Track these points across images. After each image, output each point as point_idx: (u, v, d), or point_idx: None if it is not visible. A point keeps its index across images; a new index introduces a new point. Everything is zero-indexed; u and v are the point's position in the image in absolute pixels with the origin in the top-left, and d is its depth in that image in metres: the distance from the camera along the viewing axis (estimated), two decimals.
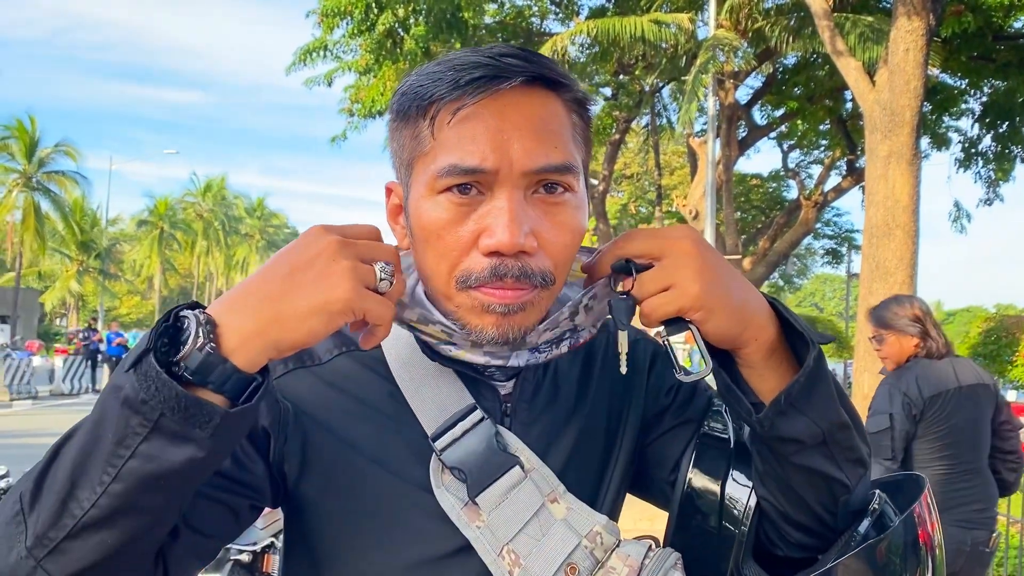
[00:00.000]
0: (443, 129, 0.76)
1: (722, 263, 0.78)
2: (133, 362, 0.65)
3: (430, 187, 0.78)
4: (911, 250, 8.85)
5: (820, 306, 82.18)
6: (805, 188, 20.33)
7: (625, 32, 13.79)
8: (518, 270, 0.76)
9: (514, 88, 0.76)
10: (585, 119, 0.84)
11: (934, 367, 3.21)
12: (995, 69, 15.33)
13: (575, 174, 0.79)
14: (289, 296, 0.68)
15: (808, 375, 0.77)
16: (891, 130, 8.80)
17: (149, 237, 58.96)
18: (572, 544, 0.79)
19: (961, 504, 3.16)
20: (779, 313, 0.80)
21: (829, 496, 0.82)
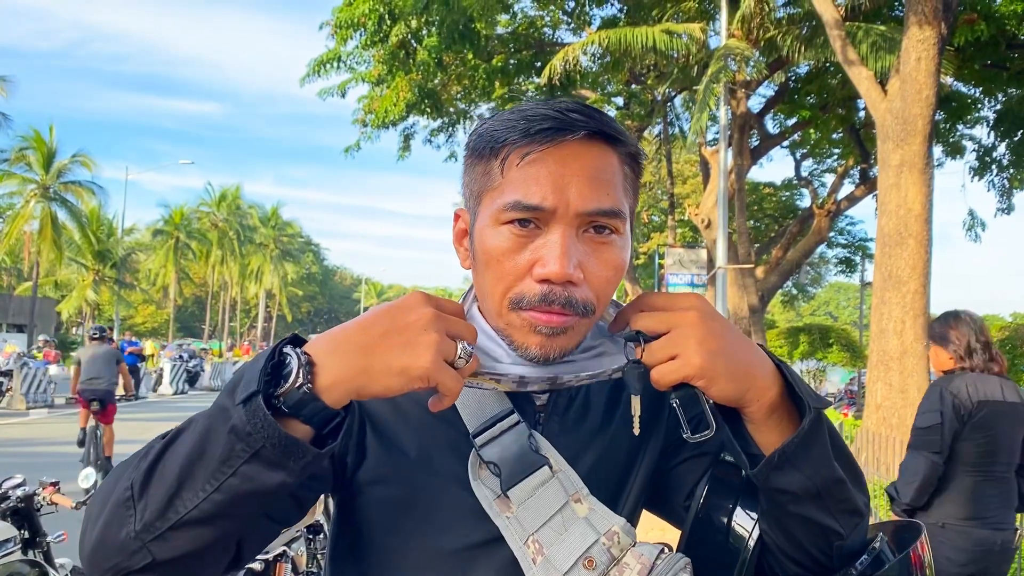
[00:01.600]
0: (512, 169, 0.87)
1: (727, 331, 0.85)
2: (244, 399, 0.75)
3: (495, 218, 0.88)
4: (924, 259, 8.81)
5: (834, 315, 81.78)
6: (818, 197, 20.28)
7: (637, 42, 13.82)
8: (564, 298, 0.85)
9: (576, 140, 0.86)
10: (636, 171, 0.94)
11: (983, 379, 3.41)
12: (1009, 77, 15.27)
13: (622, 219, 0.89)
14: (380, 353, 0.78)
15: (803, 436, 0.85)
16: (903, 139, 8.78)
17: (164, 247, 59.30)
18: (591, 540, 0.87)
19: (992, 509, 3.39)
20: (783, 375, 0.88)
21: (823, 541, 0.90)
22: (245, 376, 0.78)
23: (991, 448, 3.40)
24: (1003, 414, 3.38)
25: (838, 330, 24.60)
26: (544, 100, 0.94)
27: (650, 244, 35.60)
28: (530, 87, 18.88)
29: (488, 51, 17.00)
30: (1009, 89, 16.03)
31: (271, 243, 70.93)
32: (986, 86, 15.96)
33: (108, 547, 0.78)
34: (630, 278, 25.40)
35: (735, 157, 16.23)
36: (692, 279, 19.96)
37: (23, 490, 3.52)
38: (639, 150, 0.94)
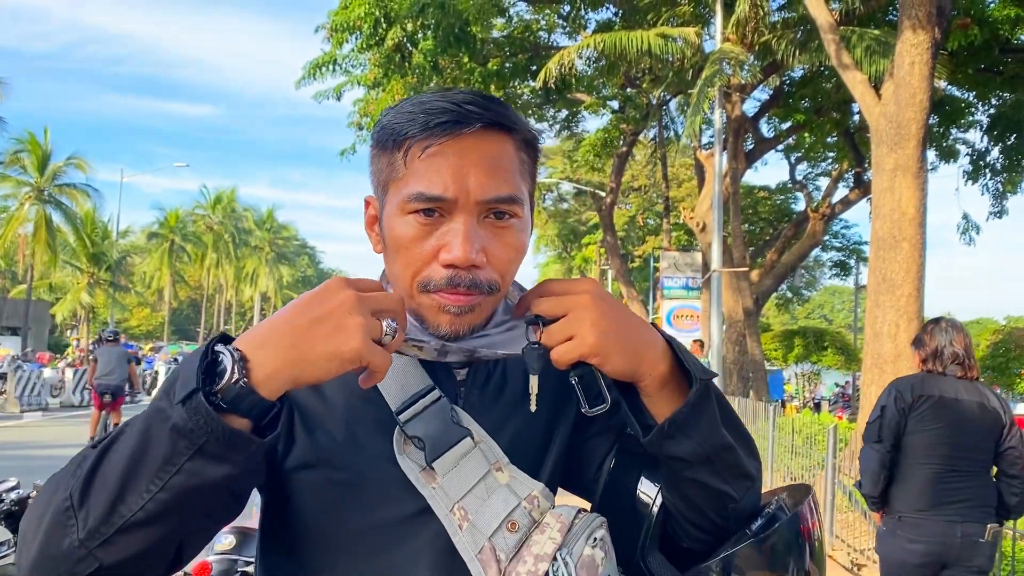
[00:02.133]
0: (414, 161, 0.92)
1: (618, 311, 0.92)
2: (183, 398, 0.77)
3: (401, 208, 0.93)
4: (918, 262, 8.84)
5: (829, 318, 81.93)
6: (813, 200, 20.33)
7: (632, 46, 13.86)
8: (469, 280, 0.92)
9: (474, 131, 0.91)
10: (532, 157, 0.99)
11: (935, 378, 3.66)
12: (1002, 81, 15.32)
13: (520, 204, 0.95)
14: (310, 342, 0.80)
15: (691, 406, 0.91)
16: (897, 143, 8.81)
17: (159, 249, 59.24)
18: (513, 504, 0.93)
19: (949, 502, 3.55)
20: (672, 350, 0.94)
21: (718, 504, 0.96)
22: (181, 376, 0.79)
23: (943, 442, 3.58)
24: (951, 410, 3.58)
25: (832, 333, 24.66)
26: (442, 91, 0.95)
27: (645, 247, 35.65)
28: (526, 90, 18.92)
29: (484, 54, 17.02)
30: (1002, 93, 16.10)
31: (266, 246, 70.90)
32: (980, 90, 16.02)
33: (51, 559, 0.79)
34: (625, 281, 25.44)
35: (730, 161, 16.27)
36: (687, 282, 20.00)
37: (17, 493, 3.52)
38: (534, 136, 0.99)
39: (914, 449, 3.63)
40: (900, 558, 3.65)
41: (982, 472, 3.64)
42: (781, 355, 21.95)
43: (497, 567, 0.90)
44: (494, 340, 0.99)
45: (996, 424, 3.62)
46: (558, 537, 0.91)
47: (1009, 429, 3.63)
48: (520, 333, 0.98)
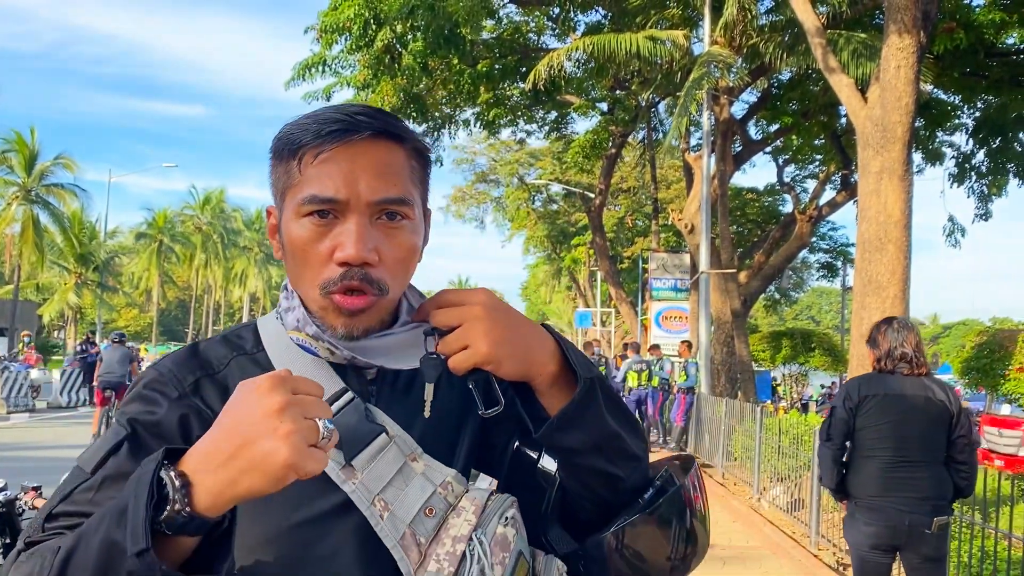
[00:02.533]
0: (308, 167, 0.97)
1: (510, 319, 0.99)
2: (137, 553, 0.78)
3: (297, 211, 0.98)
4: (903, 264, 8.91)
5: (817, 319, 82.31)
6: (800, 202, 20.43)
7: (621, 48, 13.91)
8: (362, 276, 0.97)
9: (364, 139, 0.97)
10: (423, 165, 1.06)
11: (882, 377, 3.95)
12: (988, 85, 15.45)
13: (411, 206, 1.01)
14: (243, 457, 0.81)
15: (577, 402, 0.99)
16: (883, 146, 8.88)
17: (148, 250, 58.99)
18: (429, 491, 0.98)
19: (897, 491, 3.84)
20: (561, 351, 1.02)
21: (609, 484, 1.06)
22: (130, 514, 0.80)
23: (888, 435, 3.87)
24: (896, 405, 3.87)
25: (820, 334, 24.76)
26: (336, 105, 1.02)
27: (634, 248, 35.72)
28: (515, 92, 18.95)
29: (473, 56, 17.04)
30: (987, 97, 16.23)
31: (256, 246, 70.67)
32: (965, 94, 16.15)
33: None
34: (613, 282, 25.50)
35: (718, 163, 16.34)
36: (675, 283, 20.07)
37: (4, 495, 3.52)
38: (424, 146, 1.06)
39: (864, 442, 3.95)
40: (858, 540, 3.97)
41: (932, 463, 3.89)
42: (769, 356, 22.04)
43: (418, 550, 0.95)
44: (397, 340, 1.04)
45: (943, 416, 3.87)
46: (473, 519, 0.97)
47: (957, 419, 3.88)
48: (420, 334, 1.03)
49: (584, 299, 44.32)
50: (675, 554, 1.08)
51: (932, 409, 3.87)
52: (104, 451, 0.97)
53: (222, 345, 1.09)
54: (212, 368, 1.05)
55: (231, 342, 1.09)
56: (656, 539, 1.07)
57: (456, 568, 0.94)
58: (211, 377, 1.04)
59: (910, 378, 3.91)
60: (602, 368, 15.03)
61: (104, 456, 0.96)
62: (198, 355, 1.07)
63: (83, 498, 0.94)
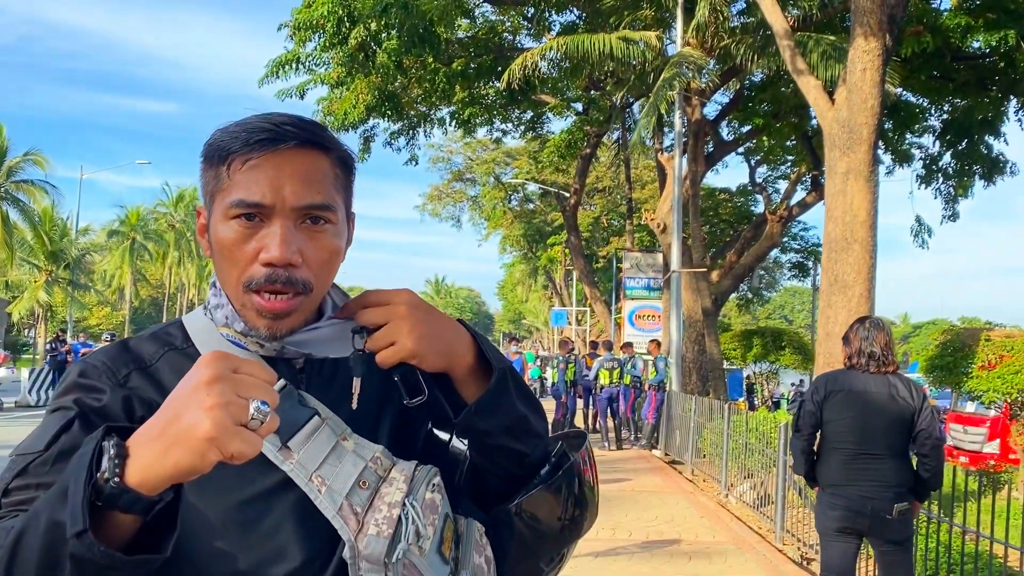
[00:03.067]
0: (236, 173, 1.03)
1: (431, 317, 1.08)
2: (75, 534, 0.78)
3: (225, 214, 1.04)
4: (868, 264, 9.06)
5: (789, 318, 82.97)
6: (771, 203, 20.63)
7: (595, 49, 14.00)
8: (286, 277, 1.02)
9: (291, 147, 1.03)
10: (347, 173, 1.12)
11: (849, 373, 4.26)
12: (954, 88, 15.69)
13: (334, 211, 1.07)
14: (170, 430, 0.81)
15: (492, 392, 1.09)
16: (849, 147, 9.03)
17: (120, 248, 58.33)
18: (361, 466, 1.05)
19: (860, 480, 4.13)
20: (477, 345, 1.12)
21: (515, 460, 1.16)
22: (71, 494, 0.80)
23: (852, 428, 4.16)
24: (860, 401, 4.15)
25: (790, 333, 25.00)
26: (265, 114, 1.07)
27: (608, 248, 35.88)
28: (490, 91, 18.99)
29: (448, 55, 17.06)
30: (954, 99, 16.49)
31: None
32: (932, 96, 16.39)
33: None
34: (588, 281, 25.62)
35: (690, 163, 16.48)
36: (649, 282, 20.21)
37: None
38: (349, 155, 1.12)
39: (830, 434, 4.26)
40: (825, 525, 4.27)
41: (894, 455, 4.16)
42: (740, 354, 22.23)
43: (356, 519, 1.02)
44: (323, 333, 1.11)
45: (905, 411, 4.14)
46: (404, 487, 1.05)
47: (920, 414, 4.14)
48: (345, 329, 1.11)
49: (560, 298, 44.47)
50: (566, 517, 1.20)
51: (894, 406, 4.13)
52: (55, 429, 0.99)
53: (151, 341, 1.13)
54: (144, 362, 1.09)
55: (160, 338, 1.14)
56: (552, 506, 1.18)
57: (394, 530, 1.01)
58: (143, 371, 1.08)
59: (876, 375, 4.18)
60: (572, 367, 15.13)
61: (56, 433, 0.99)
62: (129, 350, 1.10)
63: (39, 471, 0.96)
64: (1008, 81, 14.86)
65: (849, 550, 4.23)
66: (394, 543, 1.01)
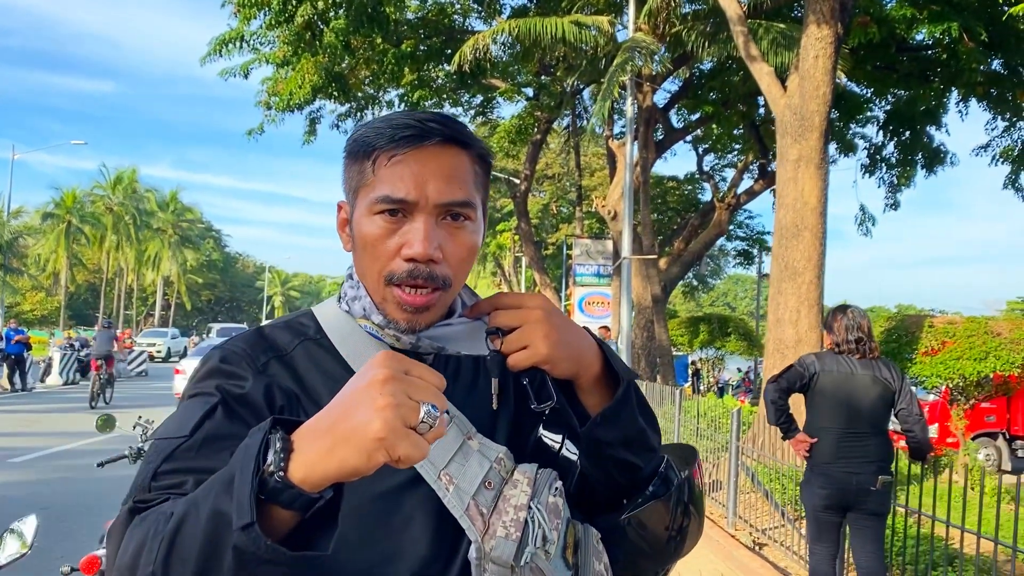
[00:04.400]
0: (381, 169, 1.06)
1: (564, 324, 1.09)
2: (242, 526, 0.77)
3: (369, 209, 1.07)
4: (819, 251, 9.14)
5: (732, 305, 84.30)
6: (719, 191, 20.81)
7: (546, 32, 13.88)
8: (427, 273, 1.05)
9: (434, 144, 1.06)
10: (485, 169, 1.14)
11: (836, 356, 4.55)
12: (898, 78, 15.96)
13: (473, 208, 1.10)
14: (339, 427, 0.81)
15: (617, 401, 1.09)
16: (801, 134, 9.08)
17: (55, 231, 56.67)
18: (487, 467, 1.07)
19: (847, 457, 4.42)
20: (603, 354, 1.12)
21: (627, 472, 1.16)
22: (237, 486, 0.79)
23: (839, 410, 4.44)
24: (846, 384, 4.45)
25: (736, 320, 25.37)
26: (409, 111, 1.11)
27: (558, 235, 35.91)
28: (440, 74, 18.74)
29: (397, 36, 16.77)
30: (898, 90, 16.78)
31: (170, 228, 68.57)
32: (877, 86, 16.65)
33: None
34: (538, 268, 25.57)
35: (641, 150, 16.49)
36: (599, 269, 20.21)
37: None
38: (487, 152, 1.14)
39: (817, 416, 4.54)
40: (813, 501, 4.54)
41: (876, 433, 4.47)
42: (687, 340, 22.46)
43: (482, 519, 1.04)
44: (456, 330, 1.14)
45: (887, 391, 4.44)
46: (528, 490, 1.07)
47: (900, 393, 4.45)
48: (475, 328, 1.13)
49: (509, 285, 44.41)
50: (674, 532, 1.20)
51: (878, 387, 4.45)
52: (199, 414, 1.00)
53: (286, 330, 1.16)
54: (281, 350, 1.12)
55: (294, 328, 1.16)
56: (663, 520, 1.18)
57: (521, 533, 1.03)
58: (281, 359, 1.11)
59: (861, 360, 4.48)
60: None
61: (200, 419, 0.99)
62: (265, 337, 1.13)
63: (186, 456, 0.96)
64: (950, 73, 15.13)
65: (835, 525, 4.55)
66: (522, 546, 1.03)
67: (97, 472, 4.31)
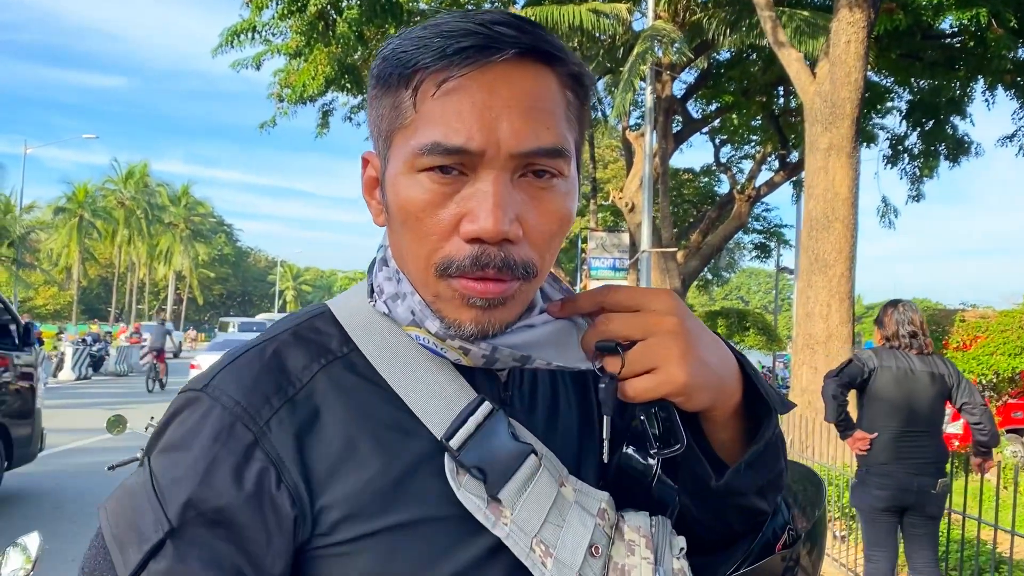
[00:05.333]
0: (426, 101, 0.70)
1: (703, 335, 0.77)
2: None
3: (410, 164, 0.71)
4: (850, 242, 8.87)
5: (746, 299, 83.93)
6: (737, 183, 20.53)
7: (563, 20, 13.64)
8: (501, 260, 0.70)
9: (506, 61, 0.69)
10: (581, 97, 0.76)
11: (892, 352, 4.38)
12: (923, 67, 15.62)
13: (566, 158, 0.73)
14: None
15: (766, 442, 0.80)
16: (831, 122, 8.80)
17: (67, 225, 56.84)
18: (590, 525, 0.76)
19: (907, 458, 4.28)
20: (745, 375, 0.81)
21: (751, 520, 0.86)
22: None
23: (898, 408, 4.29)
24: (906, 381, 4.29)
25: (754, 314, 25.08)
26: (462, 12, 0.74)
27: (572, 228, 35.66)
28: None
29: (411, 26, 16.54)
30: (922, 80, 16.44)
31: (181, 223, 68.69)
32: (901, 75, 16.32)
33: None
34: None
35: (659, 141, 16.23)
36: (614, 263, 19.97)
37: None
38: (584, 69, 0.76)
39: (875, 414, 4.37)
40: (870, 504, 4.37)
41: (934, 433, 4.37)
42: None
43: None
44: (540, 334, 0.78)
45: (945, 388, 4.33)
46: (649, 555, 0.76)
47: (958, 388, 4.33)
48: (562, 330, 0.80)
49: None
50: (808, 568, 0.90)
51: (937, 384, 4.32)
52: (143, 551, 0.69)
53: (299, 347, 0.78)
54: (294, 385, 0.75)
55: (310, 341, 0.79)
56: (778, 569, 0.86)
57: None
58: (292, 402, 0.74)
59: (918, 356, 4.36)
60: None
61: (142, 560, 0.69)
62: (273, 368, 0.76)
63: None
64: (977, 61, 14.78)
65: (893, 526, 4.39)
66: None
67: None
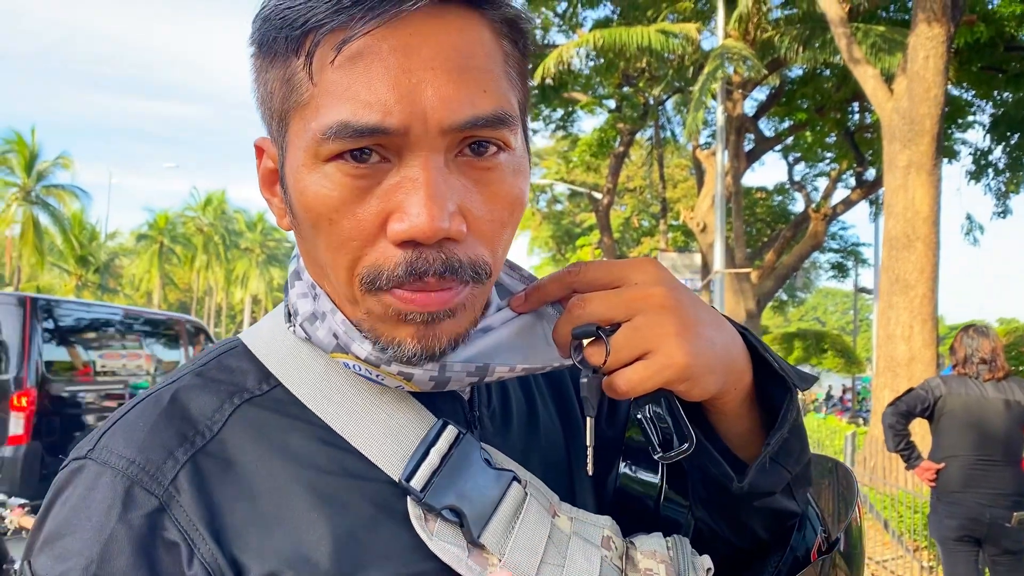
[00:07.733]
0: (325, 70, 0.54)
1: (698, 307, 0.62)
2: None
3: (313, 152, 0.56)
4: (932, 262, 8.59)
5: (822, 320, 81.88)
6: (812, 201, 20.11)
7: (632, 42, 13.60)
8: (442, 264, 0.55)
9: (422, 9, 0.53)
10: (520, 47, 0.61)
11: (963, 379, 4.24)
12: (1007, 80, 15.12)
13: (511, 127, 0.57)
14: None
15: (791, 426, 0.65)
16: (911, 139, 8.56)
17: (148, 251, 58.76)
18: (596, 559, 0.61)
19: (979, 486, 4.10)
20: (753, 350, 0.67)
21: (777, 524, 0.73)
22: None
23: (969, 436, 4.14)
24: (977, 408, 4.14)
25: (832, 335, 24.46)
26: None
27: (641, 248, 35.41)
28: None
29: None
30: (1005, 93, 15.91)
31: (257, 248, 70.44)
32: (983, 89, 15.83)
33: None
34: None
35: (731, 159, 16.02)
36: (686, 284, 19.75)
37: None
38: (520, 12, 0.60)
39: (945, 442, 4.22)
40: (943, 533, 4.22)
41: (1010, 463, 4.16)
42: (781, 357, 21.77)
43: None
44: (500, 337, 0.64)
45: (1021, 414, 4.14)
46: None
47: None
48: (526, 324, 0.66)
49: None
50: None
51: (1011, 412, 4.15)
52: None
53: (206, 388, 0.64)
54: (202, 434, 0.61)
55: (219, 381, 0.64)
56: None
57: None
58: (202, 452, 0.60)
59: (990, 382, 4.21)
60: None
61: None
62: (174, 415, 0.62)
63: None
64: None
65: (972, 557, 4.23)
66: None
67: None
